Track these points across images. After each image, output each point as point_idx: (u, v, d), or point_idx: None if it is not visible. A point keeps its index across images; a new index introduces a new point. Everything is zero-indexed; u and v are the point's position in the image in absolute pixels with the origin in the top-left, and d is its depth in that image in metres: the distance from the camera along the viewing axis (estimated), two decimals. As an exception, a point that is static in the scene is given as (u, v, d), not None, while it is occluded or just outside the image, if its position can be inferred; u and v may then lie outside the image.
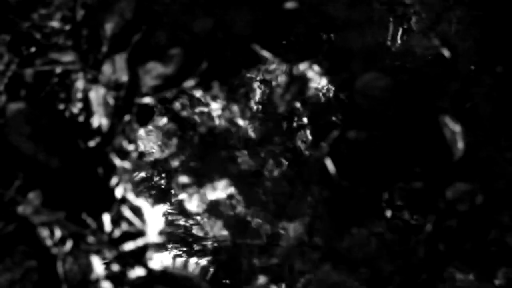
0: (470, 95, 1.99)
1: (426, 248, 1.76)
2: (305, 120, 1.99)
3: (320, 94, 2.04)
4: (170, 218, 1.85)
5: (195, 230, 1.83)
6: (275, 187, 1.88)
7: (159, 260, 1.79)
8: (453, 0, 2.17)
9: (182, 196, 1.88)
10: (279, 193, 1.87)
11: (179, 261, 1.79)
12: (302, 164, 1.91)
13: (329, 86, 2.05)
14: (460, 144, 1.89)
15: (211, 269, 1.77)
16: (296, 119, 1.99)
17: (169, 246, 1.81)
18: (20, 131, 1.78)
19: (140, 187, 1.89)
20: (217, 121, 2.00)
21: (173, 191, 1.89)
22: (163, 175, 1.92)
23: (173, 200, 1.88)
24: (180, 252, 1.80)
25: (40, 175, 1.80)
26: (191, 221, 1.84)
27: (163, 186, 1.91)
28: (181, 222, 1.84)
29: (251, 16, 2.18)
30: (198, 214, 1.85)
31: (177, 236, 1.83)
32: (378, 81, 1.87)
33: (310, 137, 1.95)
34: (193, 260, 1.79)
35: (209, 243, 1.81)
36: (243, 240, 1.80)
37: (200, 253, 1.79)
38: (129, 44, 2.12)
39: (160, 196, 1.89)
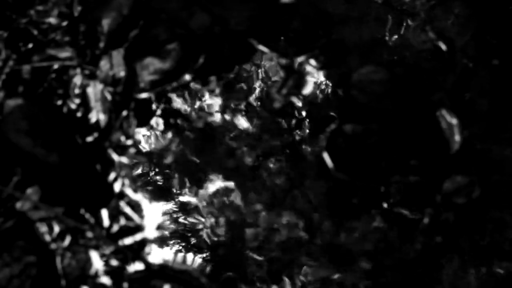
0: (467, 88, 2.00)
1: (424, 242, 1.77)
2: (302, 114, 2.00)
3: (317, 88, 2.05)
4: (174, 216, 1.86)
5: (194, 224, 1.84)
6: (273, 182, 1.89)
7: (159, 255, 1.79)
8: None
9: (180, 190, 1.89)
10: (277, 188, 1.88)
11: (179, 256, 1.80)
12: (300, 158, 1.92)
13: (326, 80, 2.06)
14: (457, 137, 1.89)
15: (209, 264, 1.78)
16: (293, 113, 2.00)
17: (170, 242, 1.82)
18: (18, 127, 1.79)
19: (138, 182, 1.90)
20: (214, 116, 2.01)
21: (170, 185, 1.90)
22: (158, 170, 1.93)
23: (170, 194, 1.89)
24: (180, 247, 1.81)
25: (39, 170, 1.80)
26: (190, 218, 1.85)
27: (160, 183, 1.91)
28: (181, 219, 1.85)
29: (248, 11, 2.19)
30: (197, 211, 1.86)
31: (176, 232, 1.83)
32: (375, 75, 1.88)
33: (307, 131, 1.96)
34: (189, 255, 1.80)
35: (205, 236, 1.81)
36: (242, 235, 1.81)
37: (198, 248, 1.80)
38: (127, 40, 2.12)
39: (158, 192, 1.90)
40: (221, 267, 1.78)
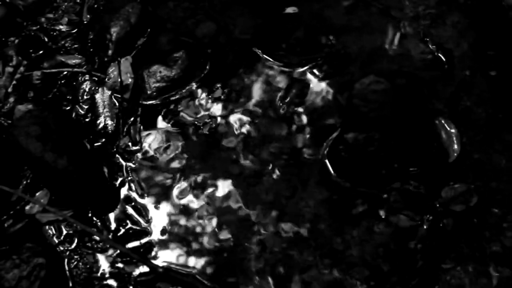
0: (465, 98, 2.01)
1: (423, 248, 1.77)
2: (305, 121, 2.01)
3: (320, 96, 2.06)
4: (173, 218, 1.86)
5: (197, 229, 1.84)
6: (275, 187, 1.89)
7: (163, 258, 1.80)
8: (449, 6, 2.20)
9: (185, 195, 1.89)
10: (279, 194, 1.88)
11: (183, 259, 1.80)
12: (302, 165, 1.92)
13: (328, 89, 2.07)
14: (456, 146, 1.91)
15: (212, 268, 1.78)
16: (296, 120, 2.01)
17: (172, 244, 1.82)
18: (28, 131, 1.78)
19: (143, 186, 1.91)
20: (219, 122, 2.02)
21: (175, 190, 1.90)
22: (164, 173, 1.93)
23: (175, 199, 1.89)
24: (184, 251, 1.81)
25: (48, 174, 1.82)
26: (194, 221, 1.85)
27: (165, 186, 1.92)
28: (185, 223, 1.85)
29: (253, 21, 2.21)
30: (201, 215, 1.86)
31: (179, 235, 1.83)
32: (376, 85, 1.89)
33: (310, 138, 1.97)
34: (193, 258, 1.80)
35: (208, 239, 1.82)
36: (244, 239, 1.81)
37: (201, 251, 1.80)
38: (134, 48, 2.15)
39: (164, 195, 1.90)
40: (224, 270, 1.78)
